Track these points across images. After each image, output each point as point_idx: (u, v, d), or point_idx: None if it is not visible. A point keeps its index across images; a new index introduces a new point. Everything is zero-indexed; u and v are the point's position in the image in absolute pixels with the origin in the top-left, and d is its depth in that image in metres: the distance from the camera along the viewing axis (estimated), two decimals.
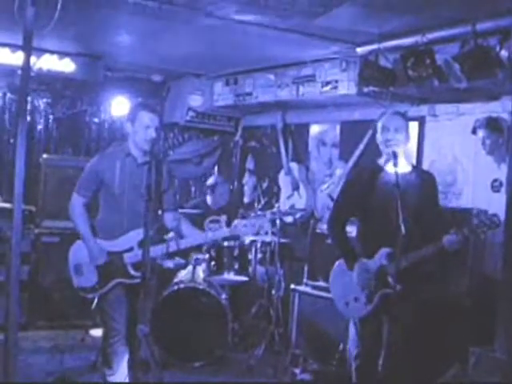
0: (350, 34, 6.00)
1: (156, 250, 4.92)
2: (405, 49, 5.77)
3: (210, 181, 8.37)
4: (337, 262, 5.23)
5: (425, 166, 6.75)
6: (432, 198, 5.04)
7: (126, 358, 4.95)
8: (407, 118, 5.22)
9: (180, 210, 5.64)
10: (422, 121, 6.91)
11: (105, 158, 5.13)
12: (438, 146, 6.74)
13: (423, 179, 5.00)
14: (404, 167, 4.94)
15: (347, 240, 5.19)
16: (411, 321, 4.89)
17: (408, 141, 5.08)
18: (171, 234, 5.40)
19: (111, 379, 4.95)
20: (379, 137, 5.00)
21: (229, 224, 5.28)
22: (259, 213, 7.61)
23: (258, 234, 5.39)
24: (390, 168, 4.88)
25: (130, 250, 4.95)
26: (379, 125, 5.02)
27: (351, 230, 5.35)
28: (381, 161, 5.06)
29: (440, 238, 4.69)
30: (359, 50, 6.25)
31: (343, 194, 5.30)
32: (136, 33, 6.59)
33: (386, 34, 5.84)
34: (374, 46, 6.04)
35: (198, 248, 6.93)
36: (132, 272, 4.93)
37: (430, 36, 5.51)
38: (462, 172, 6.48)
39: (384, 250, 4.84)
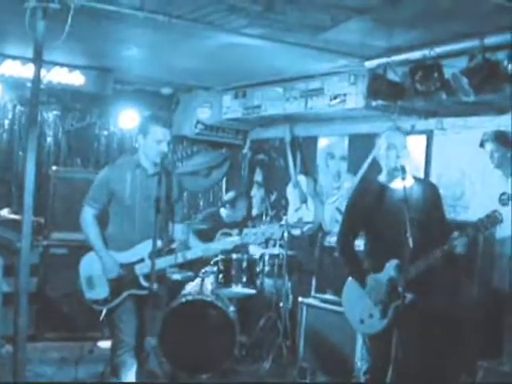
0: (358, 48, 6.02)
1: (165, 261, 4.93)
2: (413, 62, 5.79)
3: (229, 195, 8.35)
4: (348, 280, 5.21)
5: (433, 179, 6.72)
6: (436, 207, 5.04)
7: (134, 369, 4.94)
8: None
9: (189, 222, 5.64)
10: (429, 134, 6.92)
11: (115, 170, 5.15)
12: (446, 160, 6.74)
13: (426, 190, 4.99)
14: (407, 181, 4.95)
15: (356, 257, 5.17)
16: (421, 332, 4.88)
17: (409, 156, 5.09)
18: (176, 245, 5.38)
19: None
20: (384, 153, 4.99)
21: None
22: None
23: (268, 240, 5.38)
24: (396, 183, 4.90)
25: (141, 261, 4.95)
26: (383, 142, 5.01)
27: (359, 244, 5.34)
28: (381, 177, 5.05)
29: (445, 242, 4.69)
30: (367, 63, 6.28)
31: (348, 212, 5.30)
32: (145, 46, 6.63)
33: (394, 48, 5.86)
34: (383, 60, 6.07)
35: (206, 260, 6.94)
36: (143, 283, 4.93)
37: (438, 50, 5.53)
38: (470, 185, 6.48)
39: (392, 262, 4.84)
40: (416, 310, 4.70)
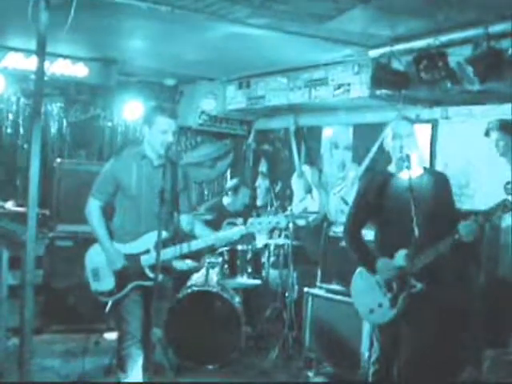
0: (362, 37, 6.00)
1: (170, 252, 4.93)
2: (417, 51, 5.77)
3: (232, 182, 8.35)
4: (357, 271, 5.20)
5: (438, 168, 6.73)
6: (446, 197, 5.01)
7: (140, 361, 4.93)
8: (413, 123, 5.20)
9: (194, 213, 5.63)
10: (434, 123, 6.90)
11: (121, 161, 5.14)
12: (451, 149, 6.73)
13: (435, 180, 4.98)
14: (416, 171, 4.93)
15: (364, 246, 5.17)
16: (431, 322, 4.87)
17: (417, 145, 5.06)
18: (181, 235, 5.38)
19: (125, 382, 4.95)
20: (390, 143, 4.98)
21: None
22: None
23: (273, 230, 5.36)
24: (404, 172, 4.88)
25: (147, 252, 4.95)
26: (389, 132, 4.99)
27: (366, 234, 5.34)
28: (391, 167, 5.04)
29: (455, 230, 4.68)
30: (372, 52, 6.26)
31: (356, 203, 5.28)
32: (149, 37, 6.62)
33: (398, 37, 5.84)
34: (387, 49, 6.04)
35: (211, 251, 6.94)
36: (149, 274, 4.93)
37: (443, 38, 5.51)
38: (475, 174, 6.46)
39: (402, 252, 4.83)
40: (426, 300, 4.69)
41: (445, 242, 4.68)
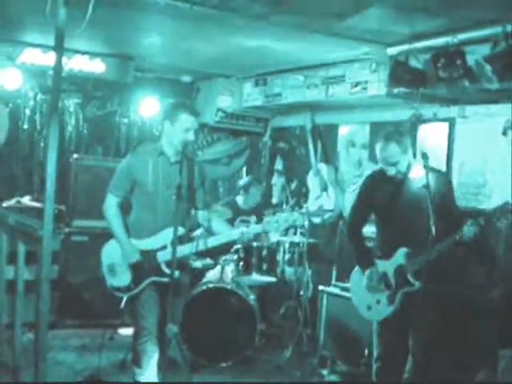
0: (380, 35, 5.98)
1: (187, 249, 4.93)
2: (435, 49, 5.74)
3: (243, 181, 8.35)
4: (356, 267, 5.28)
5: (455, 167, 6.72)
6: (447, 197, 5.03)
7: (155, 357, 4.95)
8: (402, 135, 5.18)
9: (208, 210, 5.62)
10: (452, 122, 6.86)
11: (138, 157, 5.14)
12: (468, 148, 6.69)
13: (437, 180, 4.97)
14: (417, 171, 4.95)
15: (364, 244, 5.25)
16: (435, 320, 4.89)
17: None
18: (199, 232, 5.38)
19: (141, 378, 4.96)
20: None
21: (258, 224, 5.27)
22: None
23: (289, 228, 5.35)
24: (412, 172, 4.93)
25: (164, 248, 4.95)
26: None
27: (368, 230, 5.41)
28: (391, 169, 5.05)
29: (456, 230, 4.69)
30: (389, 50, 6.23)
31: (359, 199, 5.35)
32: (166, 34, 6.62)
33: (416, 35, 5.81)
34: (405, 47, 6.01)
35: (226, 248, 6.94)
36: (165, 270, 4.93)
37: (461, 37, 5.48)
38: (492, 173, 6.42)
39: (402, 250, 4.91)
40: (428, 297, 4.70)
41: (446, 243, 4.70)
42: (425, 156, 4.81)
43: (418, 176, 4.91)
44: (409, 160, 5.01)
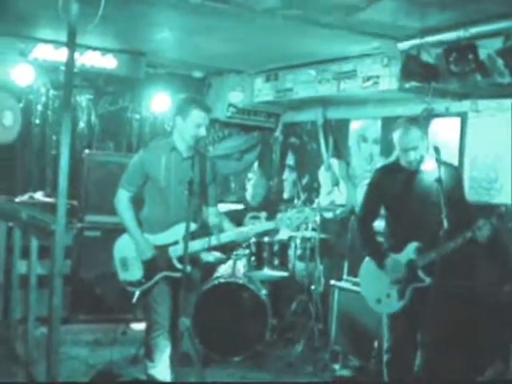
0: (391, 29, 5.97)
1: (199, 244, 4.94)
2: (447, 44, 5.73)
3: (249, 175, 8.37)
4: (365, 260, 5.28)
5: (467, 161, 6.70)
6: (458, 191, 5.01)
7: (168, 351, 4.97)
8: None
9: (221, 205, 5.63)
10: (464, 116, 6.84)
11: (150, 152, 5.15)
12: (480, 142, 6.67)
13: (448, 173, 4.95)
14: (429, 164, 4.94)
15: (376, 238, 5.24)
16: (446, 315, 4.88)
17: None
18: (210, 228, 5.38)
19: (153, 372, 4.98)
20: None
21: (269, 219, 5.27)
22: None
23: (302, 224, 5.33)
24: (424, 165, 4.92)
25: (176, 243, 4.96)
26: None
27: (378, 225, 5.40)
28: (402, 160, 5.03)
29: (468, 229, 4.68)
30: (401, 44, 6.22)
31: (370, 193, 5.33)
32: (177, 29, 6.63)
33: (428, 29, 5.80)
34: (416, 41, 6.00)
35: (238, 243, 6.94)
36: (177, 265, 4.94)
37: (473, 30, 5.46)
38: (504, 168, 6.40)
39: (412, 245, 4.90)
40: (439, 292, 4.69)
41: (457, 241, 4.69)
42: (437, 150, 4.79)
43: (429, 169, 4.89)
44: (423, 150, 4.98)
